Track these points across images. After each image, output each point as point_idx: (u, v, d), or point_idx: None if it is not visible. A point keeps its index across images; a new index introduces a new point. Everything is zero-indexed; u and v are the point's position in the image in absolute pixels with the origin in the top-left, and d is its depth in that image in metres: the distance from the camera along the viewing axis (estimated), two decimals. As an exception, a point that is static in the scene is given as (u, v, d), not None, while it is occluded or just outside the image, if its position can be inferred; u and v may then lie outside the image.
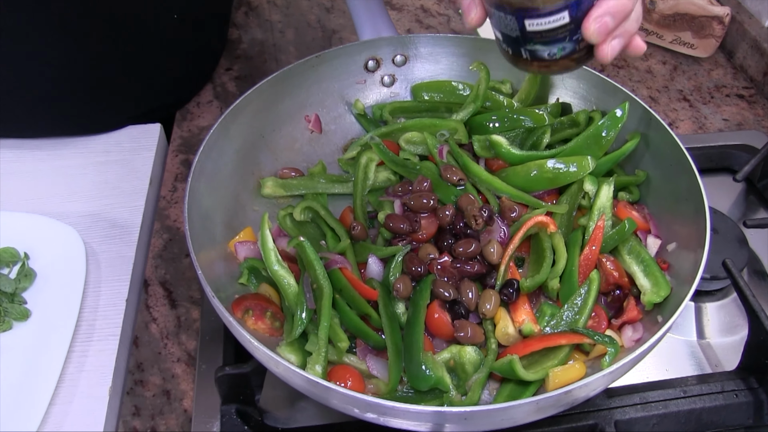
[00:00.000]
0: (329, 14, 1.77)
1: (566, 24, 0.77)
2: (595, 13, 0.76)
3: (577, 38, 0.79)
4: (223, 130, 1.03)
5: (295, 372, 0.74)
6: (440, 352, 0.90)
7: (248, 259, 0.98)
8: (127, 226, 1.19)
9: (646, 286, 0.94)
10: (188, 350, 1.04)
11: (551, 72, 0.86)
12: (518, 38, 0.81)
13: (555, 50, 0.80)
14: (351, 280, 0.94)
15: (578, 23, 0.77)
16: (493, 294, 0.93)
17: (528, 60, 0.84)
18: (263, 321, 0.92)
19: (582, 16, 0.77)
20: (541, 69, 0.84)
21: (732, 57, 1.62)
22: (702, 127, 1.44)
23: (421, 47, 1.22)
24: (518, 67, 0.86)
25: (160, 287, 1.13)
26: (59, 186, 1.26)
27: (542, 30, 0.78)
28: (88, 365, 1.01)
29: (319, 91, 1.19)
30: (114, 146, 1.34)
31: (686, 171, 0.97)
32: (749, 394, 0.94)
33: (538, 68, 0.84)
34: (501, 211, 1.02)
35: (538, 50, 0.81)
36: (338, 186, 1.12)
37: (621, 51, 0.81)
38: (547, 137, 1.10)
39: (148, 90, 1.37)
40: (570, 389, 0.72)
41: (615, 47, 0.80)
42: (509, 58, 0.86)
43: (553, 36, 0.79)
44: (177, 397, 0.99)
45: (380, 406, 0.72)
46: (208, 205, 0.98)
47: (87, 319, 1.06)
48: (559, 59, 0.82)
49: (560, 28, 0.78)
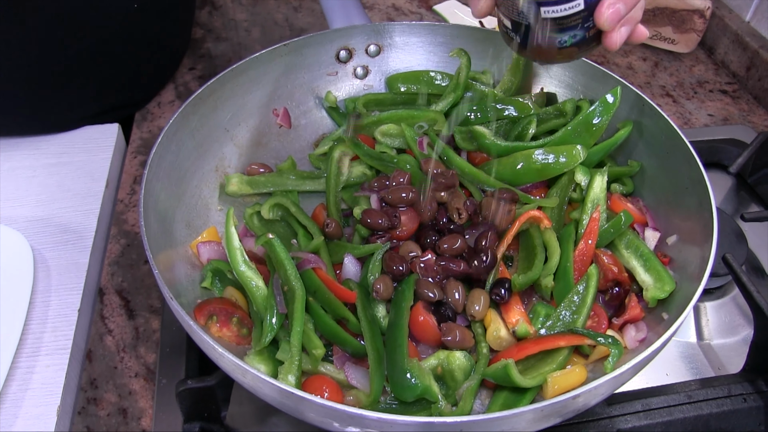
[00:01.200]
0: (297, 13, 1.70)
1: (581, 11, 0.78)
2: (609, 0, 0.77)
3: (588, 25, 0.80)
4: (183, 121, 0.95)
5: (265, 381, 0.66)
6: (426, 359, 0.82)
7: (212, 261, 0.90)
8: (81, 231, 1.10)
9: (648, 282, 0.87)
10: (147, 364, 0.95)
11: (557, 61, 0.85)
12: (530, 26, 0.80)
13: (566, 38, 0.80)
14: (326, 281, 0.86)
15: (591, 10, 0.78)
16: (482, 294, 0.86)
17: (536, 48, 0.83)
18: (229, 328, 0.84)
19: (595, 3, 0.78)
20: (549, 58, 0.84)
21: (713, 53, 1.57)
22: (687, 122, 1.39)
23: (395, 36, 1.16)
24: (523, 56, 0.88)
25: (117, 296, 1.03)
26: (6, 189, 1.17)
27: (557, 17, 0.78)
28: (34, 382, 0.92)
29: (288, 83, 1.12)
30: (68, 147, 1.25)
31: (687, 160, 0.91)
32: (758, 398, 0.88)
33: (546, 57, 0.84)
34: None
35: (550, 38, 0.81)
36: (309, 183, 1.05)
37: (627, 38, 0.82)
38: (532, 128, 1.03)
39: (106, 87, 1.29)
40: (578, 393, 0.64)
41: (623, 34, 0.81)
42: (515, 46, 0.85)
43: (566, 23, 0.79)
44: (134, 416, 0.90)
45: (363, 418, 0.63)
46: (167, 202, 0.91)
47: (34, 331, 0.97)
48: (568, 47, 0.81)
49: (574, 15, 0.78)
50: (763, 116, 1.41)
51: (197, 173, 0.99)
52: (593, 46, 0.82)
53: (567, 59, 0.84)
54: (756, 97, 1.45)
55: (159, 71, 1.42)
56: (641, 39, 0.84)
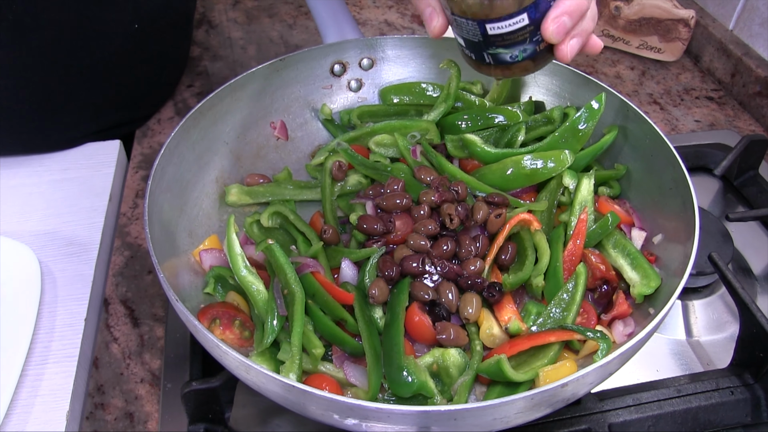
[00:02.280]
0: (292, 30, 1.73)
1: (526, 26, 0.78)
2: (553, 14, 0.78)
3: (537, 39, 0.80)
4: (184, 135, 0.98)
5: (268, 377, 0.68)
6: (422, 356, 0.85)
7: (214, 268, 0.93)
8: (86, 244, 1.13)
9: (635, 279, 0.90)
10: (152, 369, 0.98)
11: (513, 74, 0.86)
12: (480, 43, 0.82)
13: (517, 53, 0.81)
14: (324, 284, 0.88)
15: (537, 25, 0.79)
16: (474, 297, 0.88)
17: (491, 64, 0.84)
18: (231, 330, 0.86)
19: (540, 18, 0.78)
20: (504, 72, 0.85)
21: (699, 61, 1.61)
22: (674, 128, 1.43)
23: (388, 50, 1.19)
24: (482, 72, 0.87)
25: (122, 306, 1.06)
26: (13, 205, 1.19)
27: (503, 33, 0.79)
28: (44, 389, 0.94)
29: (284, 97, 1.15)
30: (71, 164, 1.28)
31: (670, 162, 0.94)
32: (745, 391, 0.90)
33: (501, 72, 0.85)
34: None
35: (501, 54, 0.82)
36: (306, 192, 1.08)
37: (579, 50, 0.83)
38: (521, 135, 1.07)
39: (107, 106, 1.32)
40: (566, 382, 0.67)
41: (574, 46, 0.81)
42: (472, 63, 0.87)
43: (514, 39, 0.80)
44: (141, 420, 0.92)
45: (362, 408, 0.66)
46: (170, 212, 0.93)
47: (42, 340, 0.99)
48: (521, 61, 0.82)
49: (520, 31, 0.79)
50: (748, 121, 1.44)
51: (198, 184, 1.02)
52: (548, 59, 0.83)
53: (524, 73, 0.85)
54: (741, 102, 1.49)
55: (158, 89, 1.45)
56: (596, 50, 0.85)
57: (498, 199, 0.96)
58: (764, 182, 1.24)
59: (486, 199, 0.97)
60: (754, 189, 1.24)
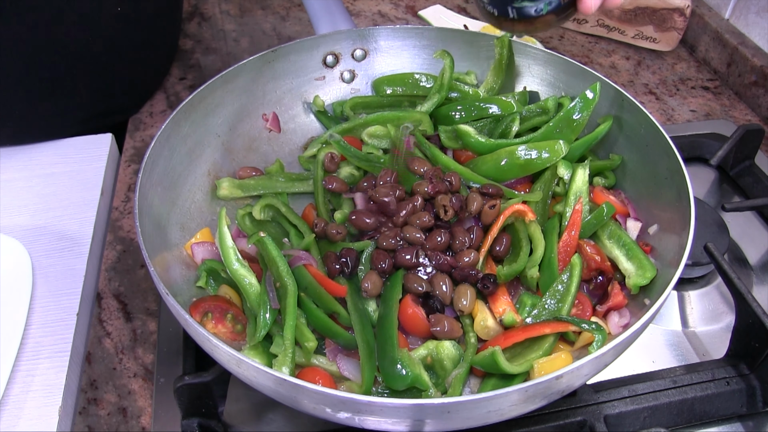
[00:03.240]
0: (284, 22, 1.72)
1: None
2: None
3: None
4: (175, 127, 0.97)
5: (260, 370, 0.68)
6: (416, 349, 0.84)
7: (206, 261, 0.92)
8: (77, 239, 1.12)
9: (631, 270, 0.90)
10: (145, 364, 0.97)
11: (536, 29, 0.85)
12: None
13: (542, 5, 0.81)
14: (317, 276, 0.88)
15: None
16: (468, 289, 0.88)
17: (514, 19, 0.84)
18: (224, 324, 0.86)
19: None
20: (527, 27, 0.84)
21: (694, 51, 1.60)
22: (670, 118, 1.42)
23: (380, 40, 1.18)
24: (502, 28, 0.87)
25: (114, 300, 1.05)
26: (4, 200, 1.18)
27: None
28: (36, 384, 0.93)
29: (276, 89, 1.14)
30: (63, 157, 1.27)
31: (666, 152, 0.93)
32: (741, 381, 0.90)
33: (524, 26, 0.84)
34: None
35: (526, 7, 0.82)
36: (298, 184, 1.07)
37: (601, 2, 0.83)
38: (516, 125, 1.06)
39: (94, 93, 1.30)
40: (561, 373, 0.66)
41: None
42: (493, 20, 0.86)
43: None
44: (134, 415, 0.92)
45: (355, 402, 0.65)
46: (161, 206, 0.93)
47: (34, 335, 0.98)
48: (545, 15, 0.82)
49: None
50: (743, 111, 1.44)
51: (190, 177, 1.01)
52: (570, 13, 0.83)
53: (545, 27, 0.85)
54: (737, 92, 1.48)
55: (147, 78, 1.44)
56: (616, 4, 0.85)
57: (492, 190, 0.96)
58: (760, 172, 1.23)
59: (480, 190, 0.96)
60: (749, 179, 1.23)
